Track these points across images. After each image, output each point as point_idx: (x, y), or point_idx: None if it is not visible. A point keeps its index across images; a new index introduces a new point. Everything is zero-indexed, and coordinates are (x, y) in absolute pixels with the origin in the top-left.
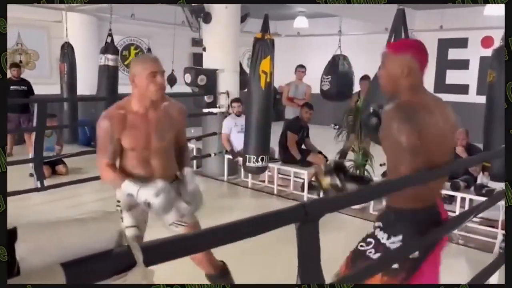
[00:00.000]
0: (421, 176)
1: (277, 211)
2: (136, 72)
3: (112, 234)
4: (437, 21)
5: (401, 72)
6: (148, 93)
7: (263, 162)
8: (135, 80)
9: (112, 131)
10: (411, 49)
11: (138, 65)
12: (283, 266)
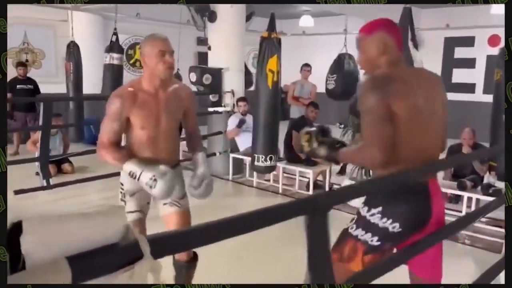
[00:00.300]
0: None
1: (286, 203)
2: (146, 52)
3: (118, 227)
4: (444, 19)
5: (378, 50)
6: (157, 71)
7: (271, 162)
8: (145, 59)
9: (122, 108)
10: (384, 26)
11: (147, 44)
12: (288, 265)
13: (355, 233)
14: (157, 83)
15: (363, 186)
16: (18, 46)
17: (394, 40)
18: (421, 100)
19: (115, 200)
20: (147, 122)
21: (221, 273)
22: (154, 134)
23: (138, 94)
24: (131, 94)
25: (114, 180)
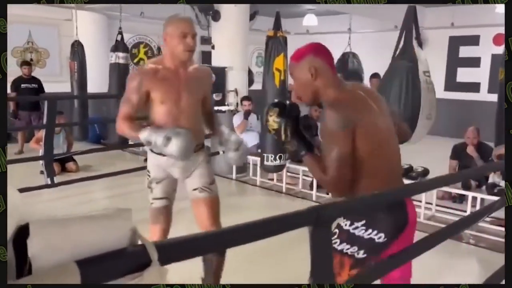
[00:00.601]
0: (436, 181)
1: (290, 214)
2: (168, 31)
3: (125, 232)
4: (448, 18)
5: (310, 76)
6: (177, 52)
7: (281, 160)
8: (167, 39)
9: (141, 82)
10: (310, 50)
11: (171, 24)
12: (294, 266)
13: (339, 247)
14: (177, 63)
15: (367, 199)
16: (22, 45)
17: (326, 63)
18: (376, 118)
19: (119, 198)
20: (167, 97)
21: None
22: (174, 111)
23: (159, 70)
24: (151, 69)
25: (118, 179)
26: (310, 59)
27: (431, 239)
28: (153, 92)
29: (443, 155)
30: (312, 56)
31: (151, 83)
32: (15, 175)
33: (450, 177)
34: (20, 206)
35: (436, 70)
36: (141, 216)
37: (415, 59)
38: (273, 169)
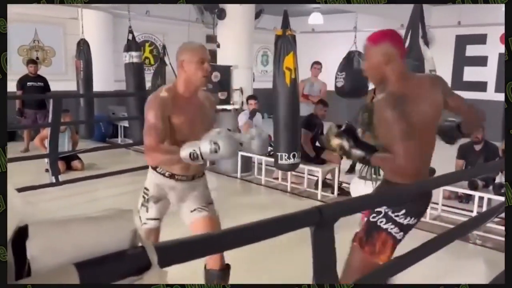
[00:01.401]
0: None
1: (292, 214)
2: (186, 58)
3: (126, 233)
4: (455, 17)
5: (383, 60)
6: (195, 78)
7: (295, 159)
8: (184, 66)
9: (163, 111)
10: (389, 37)
11: (188, 51)
12: (294, 266)
13: (385, 226)
14: (192, 89)
15: (370, 198)
16: (28, 44)
17: (398, 51)
18: (427, 108)
19: (124, 197)
20: (185, 123)
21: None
22: (191, 137)
23: (174, 98)
24: (168, 98)
25: (122, 177)
26: (387, 46)
27: (439, 240)
28: (172, 119)
29: (449, 154)
30: (389, 44)
31: (170, 110)
32: (20, 173)
33: (461, 173)
34: (19, 207)
35: (442, 69)
36: None
37: (421, 58)
38: (288, 168)
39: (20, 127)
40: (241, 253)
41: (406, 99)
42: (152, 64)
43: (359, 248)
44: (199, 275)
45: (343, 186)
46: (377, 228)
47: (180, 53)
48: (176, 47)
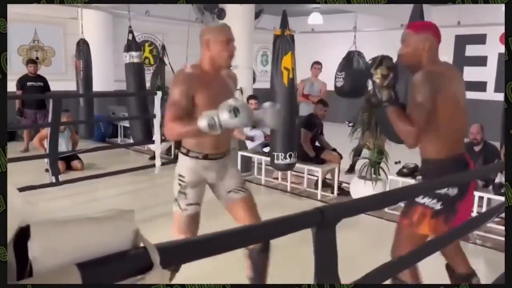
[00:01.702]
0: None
1: (294, 215)
2: (211, 37)
3: (127, 233)
4: (454, 17)
5: (423, 48)
6: (220, 57)
7: (291, 159)
8: (209, 45)
9: (189, 88)
10: (431, 29)
11: (214, 30)
12: (294, 266)
13: (422, 201)
14: (217, 67)
15: (372, 199)
16: (28, 43)
17: (437, 44)
18: (457, 91)
19: (124, 197)
20: (210, 101)
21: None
22: None
23: (201, 74)
24: (195, 75)
25: (122, 177)
26: (429, 36)
27: (439, 240)
28: (197, 97)
29: None
30: (431, 35)
31: (196, 87)
32: (20, 173)
33: (460, 176)
34: (21, 207)
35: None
36: (146, 214)
37: None
38: (284, 167)
39: (20, 127)
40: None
41: (442, 76)
42: (151, 64)
43: (401, 222)
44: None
45: (343, 186)
46: (414, 203)
47: (206, 32)
48: (176, 47)
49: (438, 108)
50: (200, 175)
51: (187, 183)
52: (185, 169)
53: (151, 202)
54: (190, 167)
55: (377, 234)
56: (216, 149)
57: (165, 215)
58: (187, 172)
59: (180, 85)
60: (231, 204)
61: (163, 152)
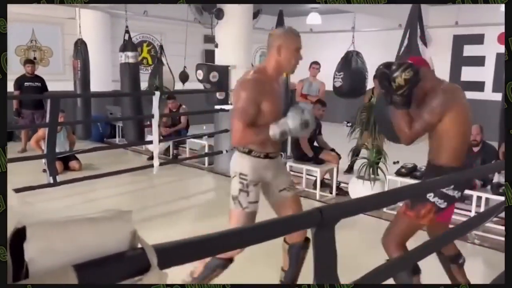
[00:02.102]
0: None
1: (293, 215)
2: (284, 44)
3: (125, 234)
4: (452, 17)
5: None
6: (288, 65)
7: (282, 158)
8: (281, 51)
9: (256, 95)
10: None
11: (288, 37)
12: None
13: (433, 200)
14: (281, 73)
15: (370, 199)
16: (26, 44)
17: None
18: (467, 106)
19: (122, 197)
20: (275, 107)
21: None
22: (274, 119)
23: (265, 81)
24: (260, 81)
25: (120, 178)
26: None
27: (437, 240)
28: (263, 104)
29: None
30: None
31: (263, 94)
32: (18, 173)
33: (458, 175)
34: (17, 208)
35: (440, 69)
36: (145, 215)
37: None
38: None
39: (17, 127)
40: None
41: (456, 93)
42: (150, 64)
43: (405, 212)
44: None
45: (342, 186)
46: (426, 200)
47: (278, 38)
48: (174, 47)
49: (445, 125)
50: (260, 174)
51: (249, 181)
52: (247, 168)
53: (150, 203)
54: (252, 165)
55: (375, 234)
56: (274, 148)
57: (163, 215)
58: (249, 171)
59: (248, 91)
60: (282, 202)
61: (161, 152)
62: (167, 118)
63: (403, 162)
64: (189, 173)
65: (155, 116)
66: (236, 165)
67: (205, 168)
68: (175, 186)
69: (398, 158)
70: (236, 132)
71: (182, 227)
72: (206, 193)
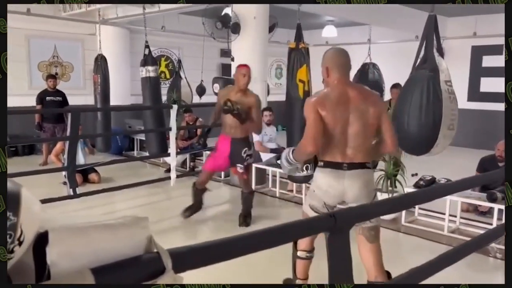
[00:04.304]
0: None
1: (307, 219)
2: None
3: (141, 239)
4: (470, 27)
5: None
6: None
7: (308, 171)
8: (329, 73)
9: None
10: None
11: (336, 59)
12: (314, 272)
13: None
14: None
15: (383, 204)
16: (48, 59)
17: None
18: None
19: (141, 209)
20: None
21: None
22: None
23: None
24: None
25: (138, 190)
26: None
27: (455, 252)
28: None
29: (468, 166)
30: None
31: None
32: (38, 185)
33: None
34: (39, 214)
35: (458, 80)
36: (162, 226)
37: (436, 69)
38: (302, 180)
39: (39, 141)
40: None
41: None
42: (167, 78)
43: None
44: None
45: None
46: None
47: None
48: (191, 61)
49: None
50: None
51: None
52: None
53: (167, 214)
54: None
55: (392, 247)
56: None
57: (180, 227)
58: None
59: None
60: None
61: (178, 164)
62: (184, 131)
63: (421, 174)
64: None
65: (173, 129)
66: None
67: (221, 180)
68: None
69: (416, 170)
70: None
71: (198, 239)
72: (222, 205)
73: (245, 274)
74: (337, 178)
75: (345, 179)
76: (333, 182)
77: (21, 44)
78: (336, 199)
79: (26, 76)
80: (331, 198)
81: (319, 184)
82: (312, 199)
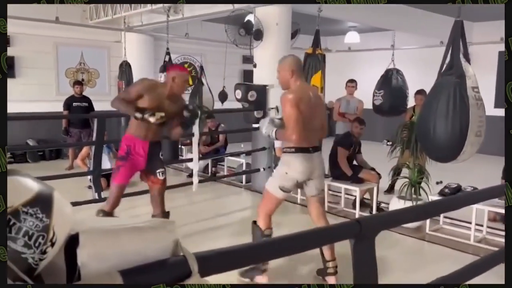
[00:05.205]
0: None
1: (332, 226)
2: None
3: (168, 243)
4: (497, 33)
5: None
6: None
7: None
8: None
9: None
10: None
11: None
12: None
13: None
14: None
15: (410, 211)
16: (75, 66)
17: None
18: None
19: None
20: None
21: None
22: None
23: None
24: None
25: None
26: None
27: (482, 262)
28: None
29: (494, 174)
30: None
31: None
32: (64, 189)
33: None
34: (70, 216)
35: (485, 86)
36: (184, 231)
37: (463, 75)
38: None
39: (65, 145)
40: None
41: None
42: (190, 84)
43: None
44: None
45: (382, 206)
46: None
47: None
48: (213, 67)
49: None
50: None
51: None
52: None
53: (189, 219)
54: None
55: (416, 256)
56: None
57: (202, 232)
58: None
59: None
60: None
61: (200, 170)
62: (206, 137)
63: (446, 182)
64: (227, 190)
65: (195, 135)
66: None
67: (242, 186)
68: (213, 203)
69: (441, 178)
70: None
71: (220, 244)
72: (244, 211)
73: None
74: (309, 159)
75: (313, 160)
76: (306, 163)
77: (50, 51)
78: (306, 176)
79: (54, 82)
80: (304, 175)
81: (295, 166)
82: (283, 181)
